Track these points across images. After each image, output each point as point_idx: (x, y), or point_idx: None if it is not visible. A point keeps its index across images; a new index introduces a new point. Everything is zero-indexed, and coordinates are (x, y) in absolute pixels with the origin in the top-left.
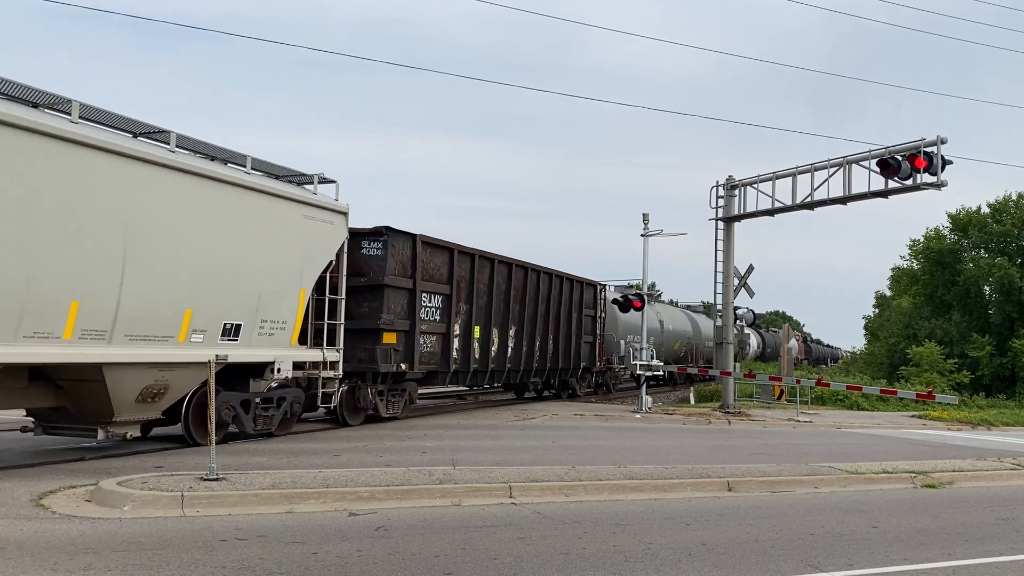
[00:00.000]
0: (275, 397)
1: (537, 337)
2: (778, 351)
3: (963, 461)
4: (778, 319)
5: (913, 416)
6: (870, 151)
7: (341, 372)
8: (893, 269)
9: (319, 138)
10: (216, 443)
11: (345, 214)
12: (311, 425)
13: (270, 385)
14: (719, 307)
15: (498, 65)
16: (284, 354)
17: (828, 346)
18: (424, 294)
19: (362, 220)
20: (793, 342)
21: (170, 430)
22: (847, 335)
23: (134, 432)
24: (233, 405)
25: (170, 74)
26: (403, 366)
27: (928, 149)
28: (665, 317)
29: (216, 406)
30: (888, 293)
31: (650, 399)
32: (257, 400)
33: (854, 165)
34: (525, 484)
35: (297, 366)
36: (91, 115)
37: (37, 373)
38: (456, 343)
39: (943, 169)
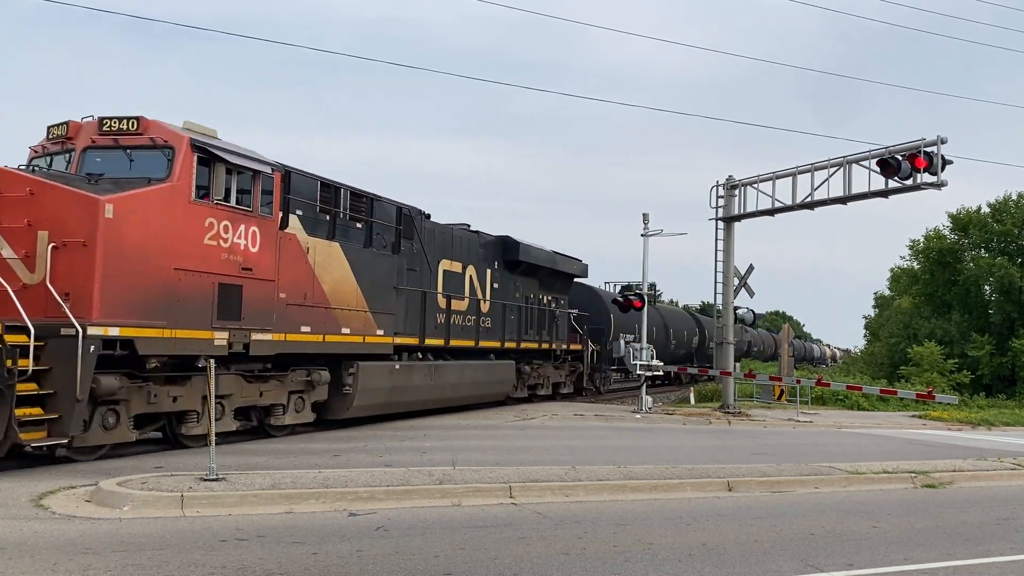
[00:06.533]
0: None
1: None
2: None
3: (963, 461)
4: (778, 319)
5: (913, 416)
6: (870, 151)
7: None
8: (893, 269)
9: (319, 138)
10: None
11: None
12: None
13: None
14: (719, 307)
15: (498, 65)
16: None
17: (807, 338)
18: None
19: None
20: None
21: None
22: (847, 335)
23: None
24: None
25: (170, 74)
26: None
27: (928, 149)
28: None
29: None
30: (888, 293)
31: (650, 399)
32: None
33: (854, 165)
34: (525, 484)
35: None
36: None
37: None
38: None
39: (943, 169)
